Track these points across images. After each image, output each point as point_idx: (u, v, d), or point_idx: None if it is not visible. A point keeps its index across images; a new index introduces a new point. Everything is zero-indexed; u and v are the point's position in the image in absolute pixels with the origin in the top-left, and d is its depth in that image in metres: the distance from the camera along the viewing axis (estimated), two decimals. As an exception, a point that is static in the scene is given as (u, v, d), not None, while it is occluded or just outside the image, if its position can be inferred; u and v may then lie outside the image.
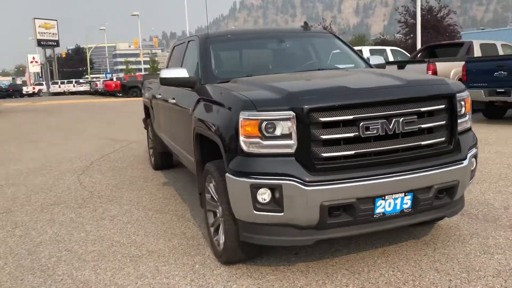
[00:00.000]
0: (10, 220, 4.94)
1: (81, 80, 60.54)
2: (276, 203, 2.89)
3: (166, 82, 4.16)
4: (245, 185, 2.91)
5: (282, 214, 2.88)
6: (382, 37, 50.21)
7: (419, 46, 18.03)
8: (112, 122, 15.78)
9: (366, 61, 4.56)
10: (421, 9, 37.37)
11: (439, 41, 28.56)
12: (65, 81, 57.69)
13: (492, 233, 3.78)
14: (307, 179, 2.82)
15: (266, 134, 2.89)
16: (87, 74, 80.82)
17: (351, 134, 2.91)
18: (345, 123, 2.90)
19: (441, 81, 3.29)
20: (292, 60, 4.56)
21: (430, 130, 3.13)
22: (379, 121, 2.93)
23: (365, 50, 13.58)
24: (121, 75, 61.98)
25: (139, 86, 36.41)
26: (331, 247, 3.64)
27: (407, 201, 3.02)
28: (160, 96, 5.62)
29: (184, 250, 3.84)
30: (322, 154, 2.88)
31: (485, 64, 10.05)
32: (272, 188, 2.88)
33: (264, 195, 2.90)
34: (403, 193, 3.00)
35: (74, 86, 55.18)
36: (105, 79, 50.30)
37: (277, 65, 4.40)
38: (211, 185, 3.59)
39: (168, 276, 3.36)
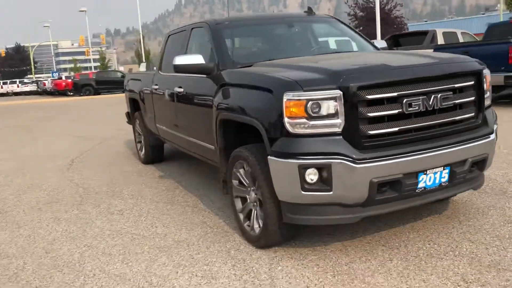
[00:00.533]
0: (9, 220, 4.68)
1: (25, 80, 57.80)
2: (324, 182, 2.90)
3: (180, 69, 4.06)
4: (293, 166, 2.91)
5: (330, 193, 2.90)
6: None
7: (378, 37, 18.47)
8: (77, 120, 15.21)
9: (373, 44, 4.65)
10: (369, 1, 38.43)
11: (388, 32, 29.42)
12: (8, 81, 54.88)
13: (507, 204, 3.97)
14: (356, 157, 2.86)
15: (312, 114, 2.89)
16: (31, 74, 77.27)
17: (396, 111, 2.96)
18: (390, 100, 2.96)
19: (468, 59, 3.41)
20: (307, 44, 4.58)
21: (461, 106, 3.25)
22: (420, 97, 3.00)
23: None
24: (66, 74, 59.73)
25: (92, 84, 35.35)
26: (360, 227, 3.70)
27: (445, 175, 3.12)
28: (157, 87, 5.49)
29: (212, 238, 3.78)
30: (369, 132, 2.92)
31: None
32: (320, 168, 2.89)
33: (311, 175, 2.90)
34: (442, 167, 3.09)
35: (18, 86, 52.60)
36: (53, 78, 48.29)
37: (294, 48, 4.39)
38: (241, 170, 3.57)
39: (207, 263, 3.31)
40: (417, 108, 3.00)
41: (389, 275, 2.93)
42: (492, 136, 3.33)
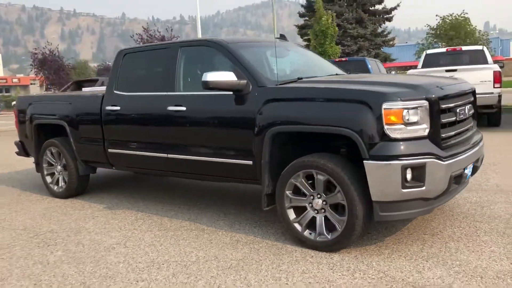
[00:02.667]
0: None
1: None
2: (418, 179, 3.38)
3: (212, 85, 4.00)
4: (396, 167, 3.32)
5: (423, 188, 3.40)
6: (106, 63, 51.24)
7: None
8: None
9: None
10: (154, 37, 39.49)
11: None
12: None
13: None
14: (442, 155, 3.44)
15: (407, 121, 3.37)
16: None
17: (453, 118, 3.68)
18: (450, 110, 3.65)
19: (465, 80, 4.38)
20: (312, 65, 4.92)
21: (472, 116, 4.17)
22: (463, 107, 3.79)
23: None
24: None
25: None
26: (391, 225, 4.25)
27: (470, 169, 3.95)
28: (118, 108, 5.03)
29: (273, 251, 3.79)
30: (442, 135, 3.55)
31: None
32: (416, 167, 3.37)
33: (409, 174, 3.36)
34: (472, 163, 3.92)
35: None
36: None
37: (306, 69, 4.68)
38: (301, 180, 3.75)
39: (297, 273, 3.36)
40: (462, 116, 3.78)
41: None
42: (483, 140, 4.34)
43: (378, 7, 38.34)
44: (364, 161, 3.39)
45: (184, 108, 4.46)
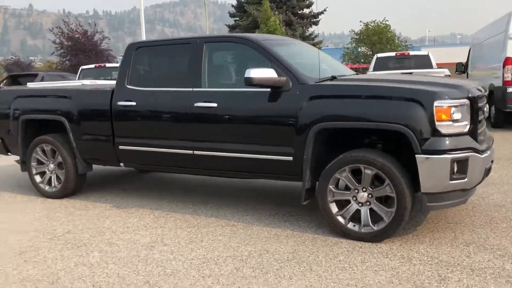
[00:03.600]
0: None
1: None
2: (461, 171, 3.70)
3: (256, 81, 4.04)
4: (446, 160, 3.60)
5: (465, 180, 3.71)
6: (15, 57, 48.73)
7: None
8: None
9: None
10: (77, 31, 37.74)
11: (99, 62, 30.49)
12: None
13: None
14: (480, 149, 3.79)
15: (453, 118, 3.67)
16: None
17: (482, 116, 4.04)
18: (480, 109, 4.01)
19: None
20: (328, 65, 5.03)
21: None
22: (485, 107, 4.18)
23: None
24: None
25: None
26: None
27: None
28: (133, 104, 4.88)
29: (320, 243, 3.92)
30: (477, 131, 3.89)
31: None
32: (460, 160, 3.68)
33: (455, 167, 3.67)
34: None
35: None
36: None
37: (326, 68, 4.79)
38: (346, 174, 3.93)
39: (358, 263, 3.53)
40: (485, 115, 4.16)
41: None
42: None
43: (306, 11, 39.58)
44: (416, 155, 3.63)
45: (215, 105, 4.44)
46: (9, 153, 6.16)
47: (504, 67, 9.77)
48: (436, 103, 3.60)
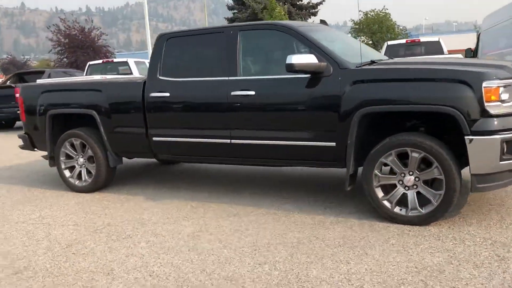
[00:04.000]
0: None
1: None
2: (511, 152, 3.68)
3: (298, 67, 4.02)
4: (496, 141, 3.58)
5: (515, 160, 3.70)
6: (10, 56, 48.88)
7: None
8: None
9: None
10: (74, 28, 37.56)
11: (97, 59, 30.28)
12: None
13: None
14: (526, 130, 3.76)
15: (502, 98, 3.65)
16: None
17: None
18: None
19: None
20: (360, 50, 4.99)
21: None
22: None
23: (131, 63, 13.71)
24: None
25: None
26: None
27: None
28: (167, 95, 4.85)
29: (367, 228, 3.91)
30: (520, 112, 3.85)
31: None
32: (510, 140, 3.66)
33: (505, 147, 3.65)
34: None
35: None
36: None
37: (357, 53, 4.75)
38: (393, 158, 3.91)
39: (412, 246, 3.53)
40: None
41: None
42: None
43: (305, 1, 39.46)
44: (466, 137, 3.61)
45: (252, 93, 4.41)
46: (35, 149, 6.12)
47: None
48: (484, 84, 3.57)
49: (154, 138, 5.03)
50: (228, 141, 4.61)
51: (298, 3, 39.08)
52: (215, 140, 4.68)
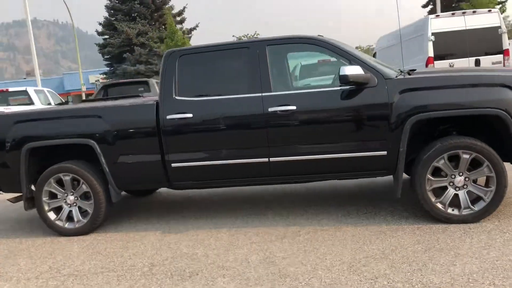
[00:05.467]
0: None
1: None
2: None
3: (352, 79, 4.05)
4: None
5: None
6: None
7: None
8: None
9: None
10: None
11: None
12: None
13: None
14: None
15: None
16: None
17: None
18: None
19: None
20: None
21: None
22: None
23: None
24: None
25: None
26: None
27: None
28: (190, 116, 4.48)
29: (433, 232, 4.02)
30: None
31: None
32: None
33: None
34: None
35: None
36: None
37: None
38: (444, 162, 4.11)
39: (474, 244, 3.75)
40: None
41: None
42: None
43: (179, 26, 39.40)
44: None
45: (293, 107, 4.30)
46: (0, 192, 5.15)
47: (427, 66, 10.93)
48: None
49: (174, 165, 4.58)
50: (266, 159, 4.40)
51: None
52: (250, 160, 4.44)
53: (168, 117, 4.53)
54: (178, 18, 38.55)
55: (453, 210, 4.16)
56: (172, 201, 6.09)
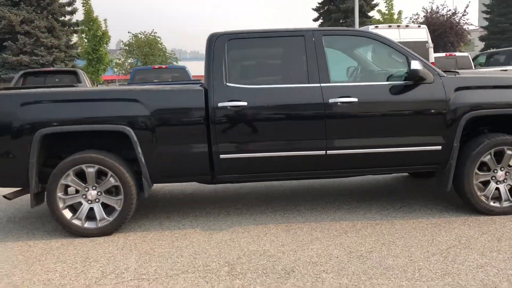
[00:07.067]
0: None
1: None
2: None
3: (419, 74, 4.15)
4: None
5: None
6: None
7: None
8: None
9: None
10: None
11: None
12: None
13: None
14: None
15: None
16: None
17: None
18: None
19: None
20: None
21: None
22: None
23: None
24: None
25: None
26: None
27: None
28: (244, 104, 4.17)
29: (478, 223, 4.26)
30: None
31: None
32: None
33: None
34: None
35: None
36: None
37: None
38: (490, 157, 4.39)
39: None
40: None
41: None
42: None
43: (68, 17, 36.59)
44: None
45: (355, 99, 4.24)
46: (-2, 186, 4.30)
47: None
48: None
49: (222, 156, 4.22)
50: (323, 152, 4.28)
51: (61, 19, 35.94)
52: (306, 152, 4.27)
53: (220, 104, 4.17)
54: (69, 9, 35.90)
55: (494, 202, 4.43)
56: (185, 196, 5.61)
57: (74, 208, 4.28)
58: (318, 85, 4.26)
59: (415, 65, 4.09)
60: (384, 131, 4.30)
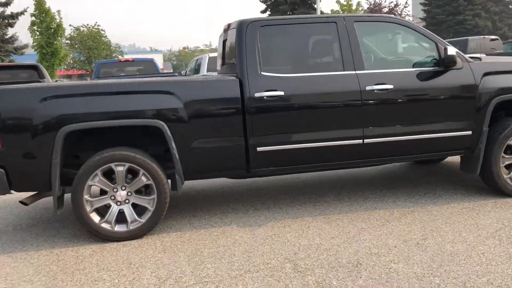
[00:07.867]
0: None
1: None
2: None
3: (454, 60, 4.19)
4: None
5: None
6: None
7: None
8: None
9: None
10: None
11: None
12: None
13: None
14: None
15: None
16: None
17: None
18: None
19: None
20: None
21: None
22: None
23: None
24: None
25: None
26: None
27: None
28: (281, 94, 4.02)
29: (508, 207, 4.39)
30: None
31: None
32: None
33: None
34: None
35: None
36: None
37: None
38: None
39: None
40: None
41: None
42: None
43: (1, 10, 34.33)
44: None
45: (391, 86, 4.20)
46: (11, 191, 3.89)
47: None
48: None
49: (259, 148, 4.05)
50: (360, 141, 4.21)
51: (-4, 11, 33.66)
52: (343, 142, 4.19)
53: (257, 95, 3.99)
54: (2, 0, 33.69)
55: (517, 191, 4.54)
56: (198, 194, 5.36)
57: (99, 211, 3.96)
58: (354, 72, 4.18)
59: (451, 51, 4.10)
60: (418, 118, 4.30)
